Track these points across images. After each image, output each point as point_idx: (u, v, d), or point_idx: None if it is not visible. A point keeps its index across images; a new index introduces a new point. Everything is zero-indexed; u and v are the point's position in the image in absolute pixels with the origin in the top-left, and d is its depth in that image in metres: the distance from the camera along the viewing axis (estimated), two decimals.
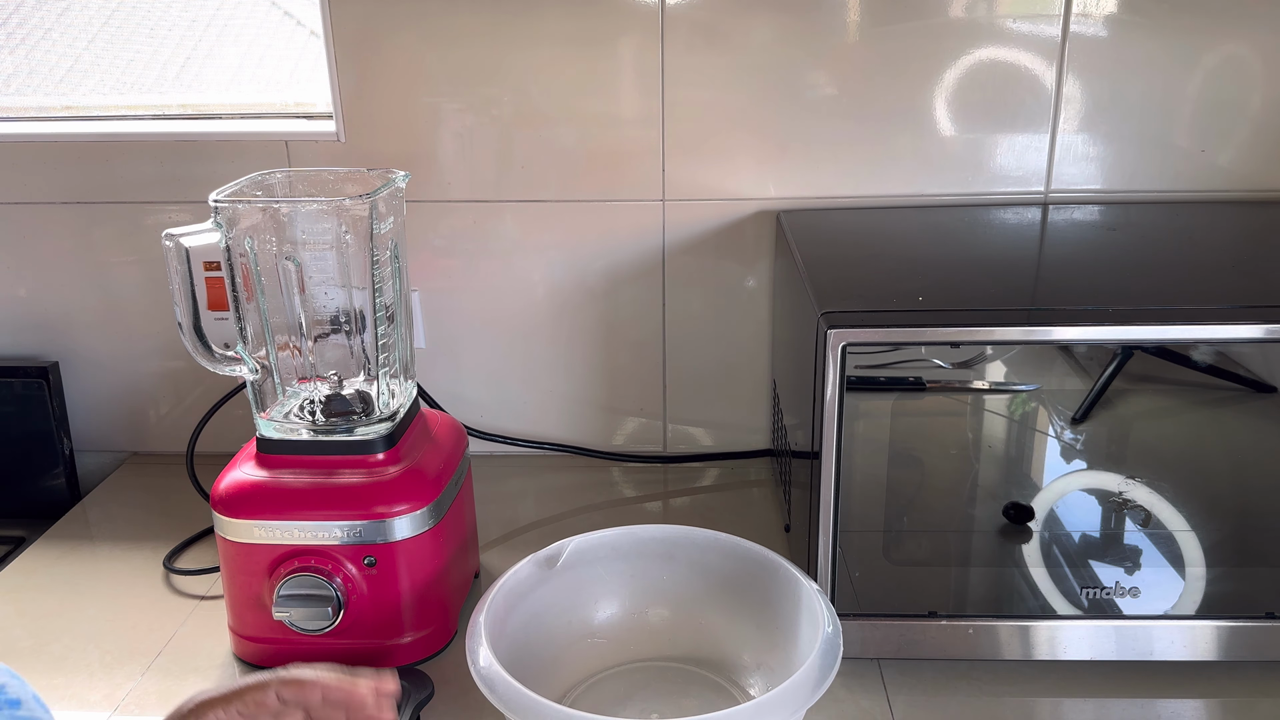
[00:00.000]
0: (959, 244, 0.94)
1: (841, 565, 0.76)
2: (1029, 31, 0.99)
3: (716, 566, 0.78)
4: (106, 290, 1.12)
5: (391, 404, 0.83)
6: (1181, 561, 0.77)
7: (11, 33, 1.27)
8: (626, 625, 0.79)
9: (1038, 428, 0.78)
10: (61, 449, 1.13)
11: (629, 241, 1.08)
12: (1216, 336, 0.71)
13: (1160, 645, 0.77)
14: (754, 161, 1.04)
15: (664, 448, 1.16)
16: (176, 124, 1.10)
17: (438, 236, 1.08)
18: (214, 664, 0.82)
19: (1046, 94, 1.01)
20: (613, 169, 1.05)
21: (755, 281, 1.09)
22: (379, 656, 0.80)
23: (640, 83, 1.02)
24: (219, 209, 0.77)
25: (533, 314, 1.11)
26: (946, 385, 0.77)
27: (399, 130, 1.05)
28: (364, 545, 0.77)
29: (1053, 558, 0.77)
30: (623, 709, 0.75)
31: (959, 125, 1.02)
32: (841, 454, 0.73)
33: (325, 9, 1.01)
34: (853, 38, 1.00)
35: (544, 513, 1.05)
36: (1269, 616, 0.76)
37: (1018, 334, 0.72)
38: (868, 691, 0.77)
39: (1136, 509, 0.77)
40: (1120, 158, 1.03)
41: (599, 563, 0.79)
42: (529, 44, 1.01)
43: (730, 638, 0.78)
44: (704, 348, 1.12)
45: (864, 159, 1.04)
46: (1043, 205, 1.03)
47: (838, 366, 0.71)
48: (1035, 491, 0.78)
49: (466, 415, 1.14)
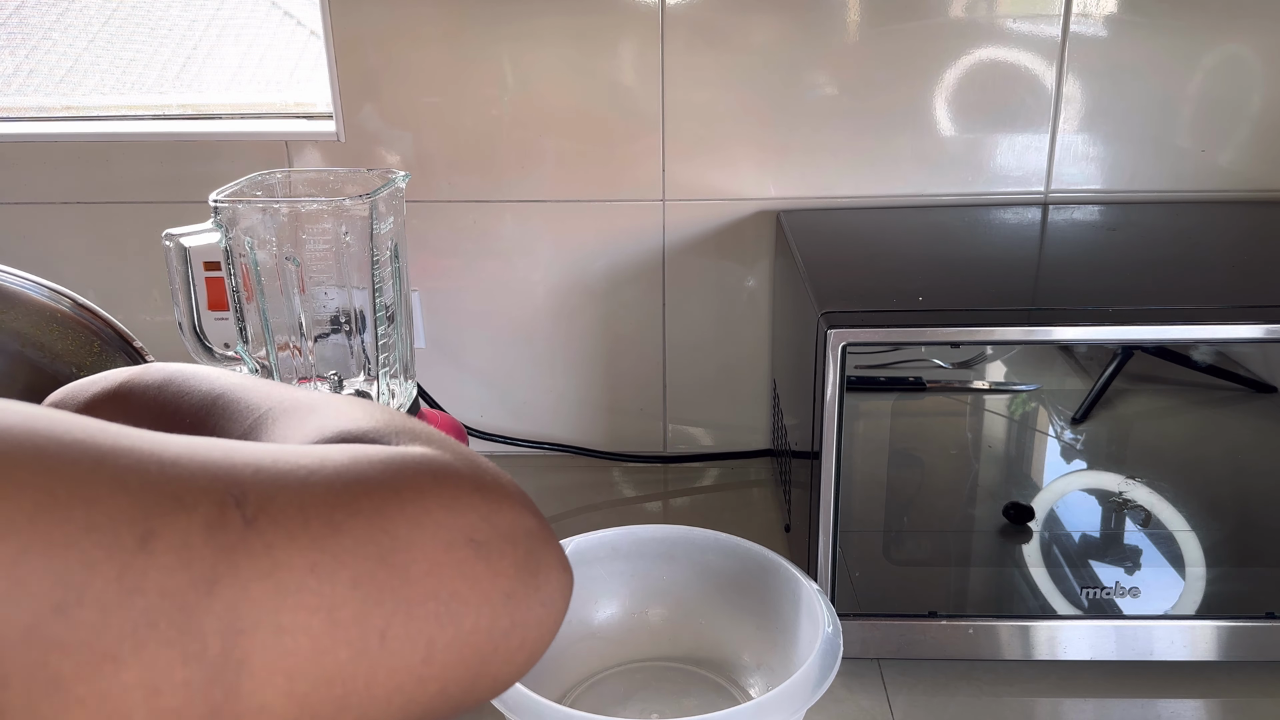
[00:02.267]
0: (959, 244, 0.94)
1: (841, 565, 0.76)
2: (1029, 31, 0.99)
3: (716, 566, 0.78)
4: (106, 290, 1.12)
5: (392, 404, 0.83)
6: (1181, 561, 0.77)
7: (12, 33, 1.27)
8: (626, 625, 0.79)
9: (1038, 428, 0.78)
10: None
11: (629, 241, 1.08)
12: (1216, 336, 0.71)
13: (1160, 645, 0.77)
14: (754, 161, 1.04)
15: (664, 448, 1.16)
16: (176, 124, 1.10)
17: (438, 236, 1.08)
18: None
19: (1046, 94, 1.01)
20: (613, 169, 1.05)
21: (755, 281, 1.09)
22: None
23: (640, 83, 1.02)
24: (219, 209, 0.77)
25: (533, 314, 1.11)
26: (946, 385, 0.77)
27: (399, 130, 1.05)
28: None
29: (1053, 558, 0.77)
30: (623, 709, 0.75)
31: (959, 125, 1.02)
32: (841, 454, 0.73)
33: (325, 9, 1.01)
34: (853, 38, 1.00)
35: (544, 513, 1.05)
36: (1269, 616, 0.76)
37: (1018, 334, 0.72)
38: (868, 691, 0.77)
39: (1136, 509, 0.77)
40: (1120, 158, 1.03)
41: (599, 563, 0.79)
42: (529, 44, 1.01)
43: (730, 638, 0.78)
44: (704, 348, 1.12)
45: (864, 159, 1.04)
46: (1043, 205, 1.03)
47: (838, 366, 0.71)
48: (1035, 491, 0.78)
49: (466, 415, 1.14)
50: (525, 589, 0.32)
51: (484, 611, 0.31)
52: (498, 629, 0.31)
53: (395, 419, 0.36)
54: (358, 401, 0.38)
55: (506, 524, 0.32)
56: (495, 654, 0.32)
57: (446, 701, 0.32)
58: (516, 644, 0.32)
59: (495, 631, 0.31)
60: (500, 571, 0.31)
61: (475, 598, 0.31)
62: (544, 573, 0.33)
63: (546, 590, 0.33)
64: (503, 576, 0.31)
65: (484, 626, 0.31)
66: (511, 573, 0.32)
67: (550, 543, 0.34)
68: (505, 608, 0.31)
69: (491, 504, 0.32)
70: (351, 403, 0.38)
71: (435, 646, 0.30)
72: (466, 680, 0.31)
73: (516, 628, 0.32)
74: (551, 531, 0.35)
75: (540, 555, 0.33)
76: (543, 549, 0.33)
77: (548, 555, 0.33)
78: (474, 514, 0.32)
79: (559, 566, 0.34)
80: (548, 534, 0.34)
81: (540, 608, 0.33)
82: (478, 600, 0.31)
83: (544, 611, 0.33)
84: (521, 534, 0.33)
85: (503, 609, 0.31)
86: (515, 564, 0.32)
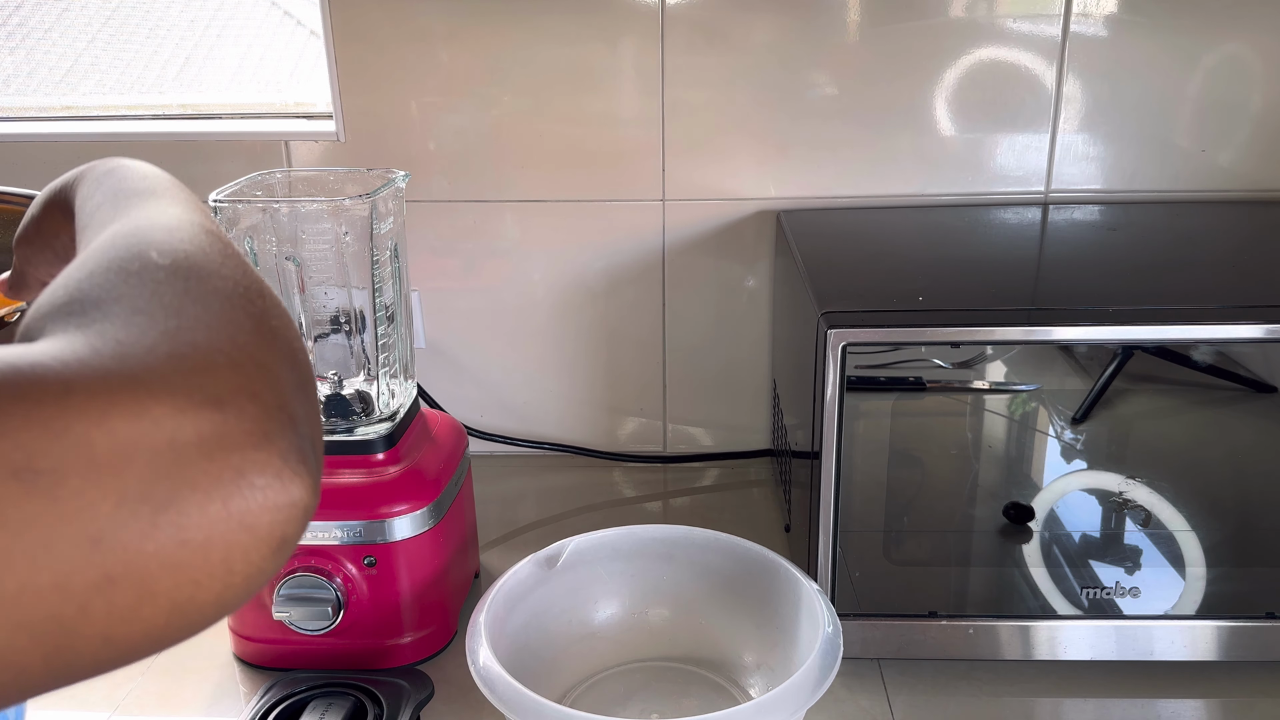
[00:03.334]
0: (959, 244, 0.94)
1: (841, 565, 0.76)
2: (1029, 31, 0.99)
3: (716, 566, 0.78)
4: None
5: (391, 404, 0.83)
6: (1182, 561, 0.77)
7: (11, 33, 1.27)
8: (626, 625, 0.79)
9: (1038, 428, 0.78)
10: None
11: (629, 241, 1.08)
12: (1216, 336, 0.71)
13: (1160, 645, 0.77)
14: (754, 161, 1.04)
15: (664, 448, 1.16)
16: (176, 124, 1.10)
17: (438, 236, 1.08)
18: (214, 664, 0.82)
19: (1046, 94, 1.01)
20: (613, 169, 1.05)
21: (755, 281, 1.09)
22: (379, 656, 0.80)
23: (640, 83, 1.02)
24: (219, 209, 0.77)
25: (533, 314, 1.11)
26: (946, 385, 0.77)
27: (399, 130, 1.05)
28: (364, 545, 0.77)
29: (1053, 558, 0.77)
30: (623, 709, 0.75)
31: (959, 125, 1.02)
32: (841, 454, 0.73)
33: (325, 9, 1.01)
34: (853, 38, 1.00)
35: (544, 513, 1.05)
36: (1269, 616, 0.76)
37: (1018, 334, 0.72)
38: (868, 691, 0.77)
39: (1136, 509, 0.77)
40: (1120, 158, 1.03)
41: (599, 563, 0.79)
42: (529, 44, 1.01)
43: (730, 638, 0.78)
44: (704, 348, 1.12)
45: (864, 159, 1.04)
46: (1043, 205, 1.03)
47: (838, 366, 0.71)
48: (1035, 491, 0.78)
49: (466, 415, 1.14)
50: (136, 522, 0.25)
51: (50, 557, 0.24)
52: (81, 579, 0.25)
53: (112, 283, 0.30)
54: (127, 240, 0.32)
55: (108, 442, 0.25)
56: (104, 611, 0.25)
57: (104, 647, 0.26)
58: (162, 586, 0.26)
59: (77, 583, 0.25)
60: (80, 508, 0.24)
61: (32, 542, 0.24)
62: (184, 500, 0.26)
63: (186, 519, 0.26)
64: (84, 514, 0.24)
65: (51, 579, 0.24)
66: (107, 507, 0.25)
67: (217, 457, 0.26)
68: (91, 550, 0.25)
69: (91, 419, 0.25)
70: (118, 243, 0.32)
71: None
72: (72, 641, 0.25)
73: (131, 570, 0.25)
74: (258, 437, 0.27)
75: (186, 475, 0.26)
76: (192, 468, 0.26)
77: (200, 474, 0.26)
78: (35, 434, 0.24)
79: (225, 482, 0.26)
80: (222, 444, 0.26)
81: (171, 541, 0.25)
82: (33, 546, 0.24)
83: (180, 547, 0.26)
84: (143, 452, 0.25)
85: (88, 551, 0.25)
86: (118, 496, 0.25)
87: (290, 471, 0.28)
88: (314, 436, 0.30)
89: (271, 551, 0.27)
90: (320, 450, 0.31)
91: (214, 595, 0.27)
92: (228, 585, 0.27)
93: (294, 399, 0.29)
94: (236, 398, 0.27)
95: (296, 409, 0.29)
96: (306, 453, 0.28)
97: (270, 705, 0.73)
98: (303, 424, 0.29)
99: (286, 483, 0.27)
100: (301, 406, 0.30)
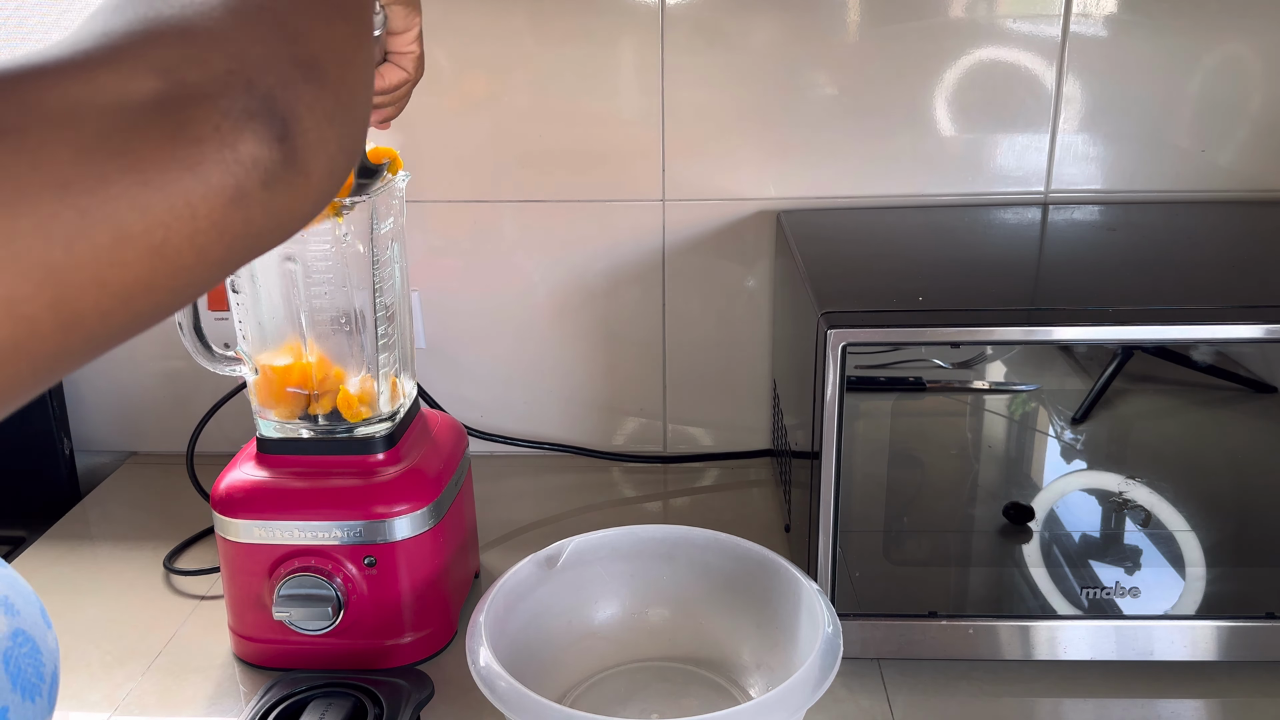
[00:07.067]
0: (959, 244, 0.94)
1: (841, 565, 0.76)
2: (1029, 31, 0.99)
3: (716, 566, 0.78)
4: None
5: (391, 404, 0.83)
6: (1181, 561, 0.77)
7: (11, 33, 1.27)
8: (626, 625, 0.79)
9: (1038, 428, 0.78)
10: (61, 449, 1.13)
11: (629, 241, 1.08)
12: (1216, 336, 0.71)
13: (1160, 645, 0.77)
14: (754, 161, 1.04)
15: (664, 448, 1.16)
16: None
17: (438, 236, 1.08)
18: (214, 664, 0.82)
19: (1046, 94, 1.01)
20: (613, 169, 1.05)
21: (755, 281, 1.09)
22: (379, 656, 0.80)
23: (640, 83, 1.02)
24: None
25: (533, 314, 1.11)
26: (946, 385, 0.77)
27: (399, 130, 1.05)
28: (364, 545, 0.77)
29: (1053, 558, 0.77)
30: (623, 709, 0.75)
31: (959, 125, 1.02)
32: (841, 454, 0.73)
33: None
34: (853, 38, 1.00)
35: (544, 513, 1.05)
36: (1269, 616, 0.76)
37: (1018, 334, 0.72)
38: (868, 691, 0.77)
39: (1136, 509, 0.77)
40: (1120, 158, 1.03)
41: (599, 563, 0.79)
42: (529, 43, 1.01)
43: (730, 638, 0.78)
44: (704, 348, 1.12)
45: (864, 159, 1.04)
46: (1043, 205, 1.03)
47: (838, 366, 0.71)
48: (1035, 491, 0.78)
49: (466, 415, 1.14)
50: (95, 166, 0.28)
51: (27, 203, 0.27)
52: (61, 223, 0.28)
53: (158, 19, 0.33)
54: None
55: (61, 103, 0.29)
56: (89, 254, 0.28)
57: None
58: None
59: (57, 228, 0.28)
60: (42, 157, 0.28)
61: (139, 176, 0.29)
62: (136, 150, 0.29)
63: (142, 165, 0.29)
64: (48, 163, 0.28)
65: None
66: (67, 154, 0.28)
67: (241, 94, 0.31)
68: (62, 192, 0.28)
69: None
70: None
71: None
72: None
73: (102, 210, 0.28)
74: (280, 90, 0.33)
75: (137, 129, 0.29)
76: (142, 121, 0.29)
77: (149, 127, 0.30)
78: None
79: (248, 115, 0.31)
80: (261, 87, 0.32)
81: (133, 184, 0.29)
82: (9, 195, 0.27)
83: (141, 188, 0.29)
84: (93, 109, 0.29)
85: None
86: (76, 146, 0.28)
87: (232, 127, 0.31)
88: (296, 106, 0.33)
89: (227, 202, 0.31)
90: (338, 124, 0.35)
91: (186, 238, 0.30)
92: (196, 230, 0.30)
93: (264, 70, 0.32)
94: (181, 65, 0.31)
95: (265, 78, 0.32)
96: (262, 115, 0.32)
97: (270, 705, 0.73)
98: (276, 90, 0.32)
99: (227, 136, 0.31)
100: (278, 77, 0.33)
